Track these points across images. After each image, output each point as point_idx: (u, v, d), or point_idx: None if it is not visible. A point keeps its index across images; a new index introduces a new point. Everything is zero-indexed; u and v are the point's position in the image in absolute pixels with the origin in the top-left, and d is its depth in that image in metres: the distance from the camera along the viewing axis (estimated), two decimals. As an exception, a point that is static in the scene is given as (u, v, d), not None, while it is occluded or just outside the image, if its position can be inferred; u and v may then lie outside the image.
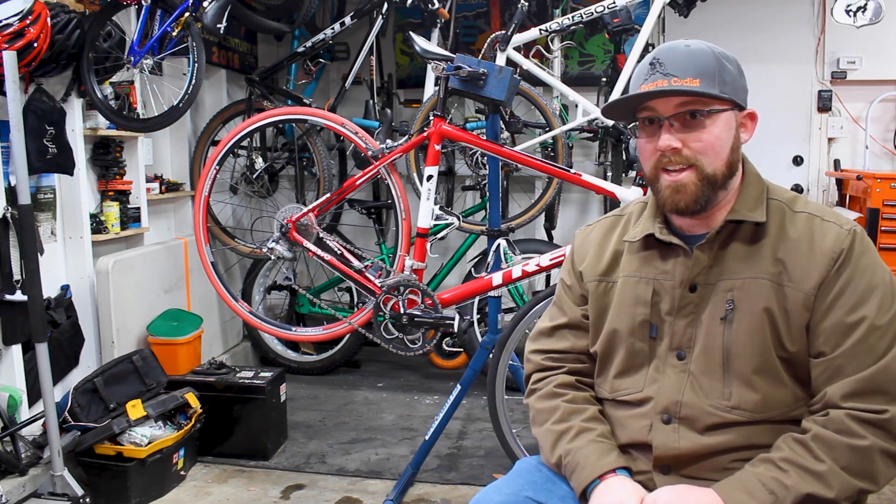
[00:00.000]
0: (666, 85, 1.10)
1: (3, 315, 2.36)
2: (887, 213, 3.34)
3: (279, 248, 2.61)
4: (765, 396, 1.10)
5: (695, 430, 1.13)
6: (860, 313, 1.06)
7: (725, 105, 1.12)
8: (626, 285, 1.23)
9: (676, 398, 1.14)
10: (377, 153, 2.51)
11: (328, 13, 3.85)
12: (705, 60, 1.12)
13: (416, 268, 2.43)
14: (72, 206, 2.74)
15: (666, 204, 1.15)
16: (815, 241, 1.11)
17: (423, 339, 2.42)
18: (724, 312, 1.12)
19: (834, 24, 3.54)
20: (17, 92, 2.19)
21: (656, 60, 1.13)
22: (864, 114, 3.84)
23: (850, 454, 1.02)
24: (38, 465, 2.37)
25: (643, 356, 1.20)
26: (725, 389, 1.12)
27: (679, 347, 1.16)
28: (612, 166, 3.56)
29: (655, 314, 1.19)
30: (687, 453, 1.13)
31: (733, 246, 1.15)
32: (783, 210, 1.16)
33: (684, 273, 1.16)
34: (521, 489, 1.19)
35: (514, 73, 2.29)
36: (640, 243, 1.23)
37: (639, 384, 1.20)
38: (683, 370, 1.15)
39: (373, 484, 2.57)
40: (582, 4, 3.42)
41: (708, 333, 1.14)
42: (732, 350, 1.12)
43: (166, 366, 2.80)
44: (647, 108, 1.14)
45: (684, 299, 1.16)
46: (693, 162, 1.11)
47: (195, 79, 2.59)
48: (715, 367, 1.13)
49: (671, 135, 1.12)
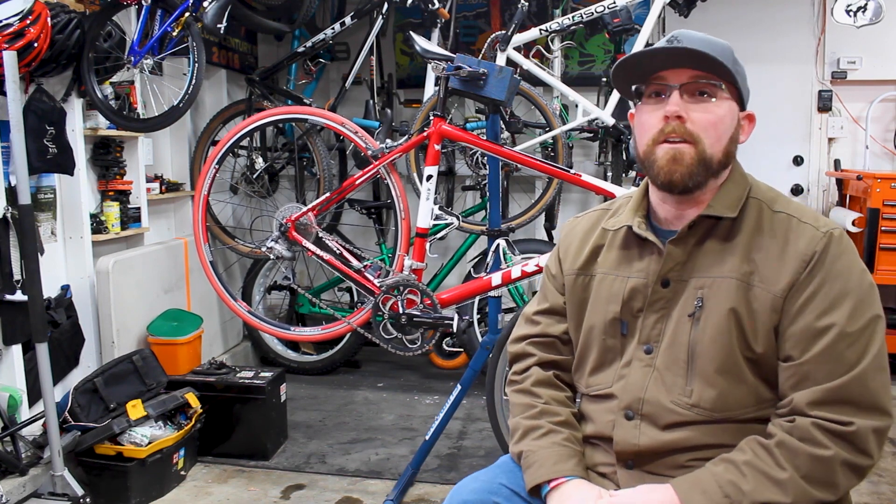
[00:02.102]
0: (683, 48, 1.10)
1: (4, 315, 2.36)
2: (887, 213, 3.34)
3: (278, 248, 2.61)
4: (726, 396, 1.10)
5: (655, 426, 1.13)
6: (829, 319, 1.04)
7: (733, 93, 1.13)
8: (603, 282, 1.24)
9: (639, 395, 1.15)
10: (377, 153, 2.51)
11: (328, 13, 3.85)
12: (722, 47, 1.14)
13: (416, 268, 2.43)
14: (72, 206, 2.74)
15: (660, 174, 1.13)
16: (789, 243, 1.09)
17: (422, 339, 2.41)
18: (693, 309, 1.12)
19: (834, 24, 3.54)
20: (17, 92, 2.19)
21: (674, 38, 1.13)
22: (865, 114, 3.84)
23: (812, 464, 1.01)
24: (39, 465, 2.37)
25: (614, 353, 1.21)
26: (687, 387, 1.12)
27: (647, 342, 1.17)
28: (612, 166, 3.56)
29: (627, 311, 1.19)
30: (646, 449, 1.13)
31: (707, 243, 1.15)
32: (761, 209, 1.15)
33: (657, 268, 1.17)
34: (497, 477, 1.23)
35: (514, 73, 2.29)
36: (620, 240, 1.24)
37: (608, 380, 1.21)
38: (649, 364, 1.16)
39: (373, 484, 2.57)
40: (582, 4, 3.42)
41: (676, 330, 1.14)
42: (697, 348, 1.11)
43: (166, 366, 2.80)
44: (658, 78, 1.14)
45: (656, 294, 1.16)
46: (695, 137, 1.11)
47: (195, 79, 2.59)
48: (679, 364, 1.13)
49: (680, 101, 1.11)
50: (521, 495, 1.21)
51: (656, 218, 1.22)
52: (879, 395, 1.04)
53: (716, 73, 1.11)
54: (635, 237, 1.21)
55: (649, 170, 1.16)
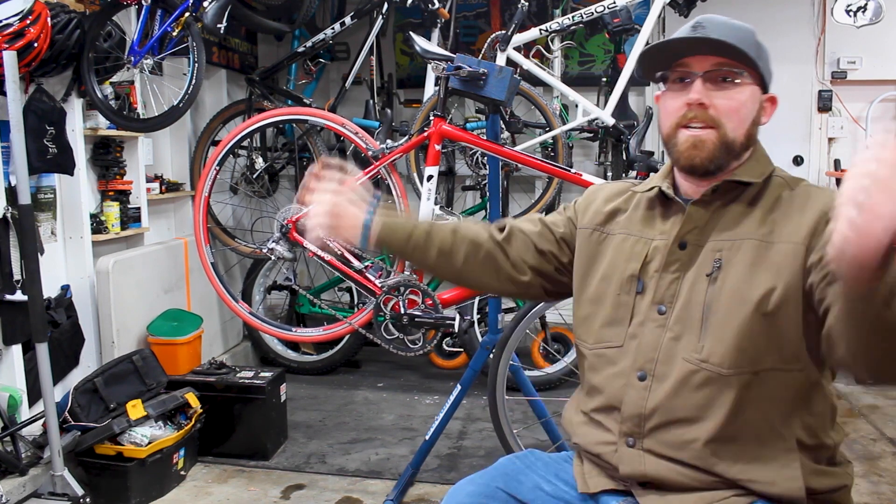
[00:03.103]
0: (706, 37, 1.12)
1: (4, 315, 2.36)
2: (887, 213, 3.34)
3: (279, 249, 2.61)
4: (737, 352, 1.09)
5: (665, 384, 1.13)
6: None
7: (756, 78, 1.15)
8: (625, 241, 1.25)
9: (652, 356, 1.15)
10: (377, 153, 2.51)
11: (328, 13, 3.85)
12: (746, 33, 1.16)
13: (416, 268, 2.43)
14: (72, 206, 2.74)
15: (681, 158, 1.16)
16: (809, 203, 1.12)
17: (423, 339, 2.41)
18: (711, 269, 1.13)
19: (834, 24, 3.54)
20: (17, 92, 2.19)
21: (699, 24, 1.16)
22: (865, 114, 3.84)
23: None
24: (39, 465, 2.37)
25: (626, 309, 1.21)
26: (699, 343, 1.12)
27: (661, 302, 1.17)
28: (612, 166, 3.57)
29: (644, 270, 1.20)
30: (655, 410, 1.13)
31: (730, 208, 1.16)
32: (784, 185, 1.18)
33: (678, 230, 1.18)
34: (493, 480, 1.23)
35: (514, 73, 2.29)
36: (645, 202, 1.25)
37: (620, 337, 1.21)
38: (662, 325, 1.16)
39: (373, 484, 2.57)
40: (582, 4, 3.42)
41: (692, 289, 1.15)
42: (713, 306, 1.12)
43: (166, 366, 2.80)
44: (681, 64, 1.16)
45: (672, 255, 1.17)
46: (717, 122, 1.13)
47: (195, 79, 2.59)
48: (693, 321, 1.13)
49: (703, 89, 1.13)
50: (517, 499, 1.20)
51: (679, 190, 1.24)
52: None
53: (739, 60, 1.13)
54: (662, 199, 1.23)
55: (671, 152, 1.18)
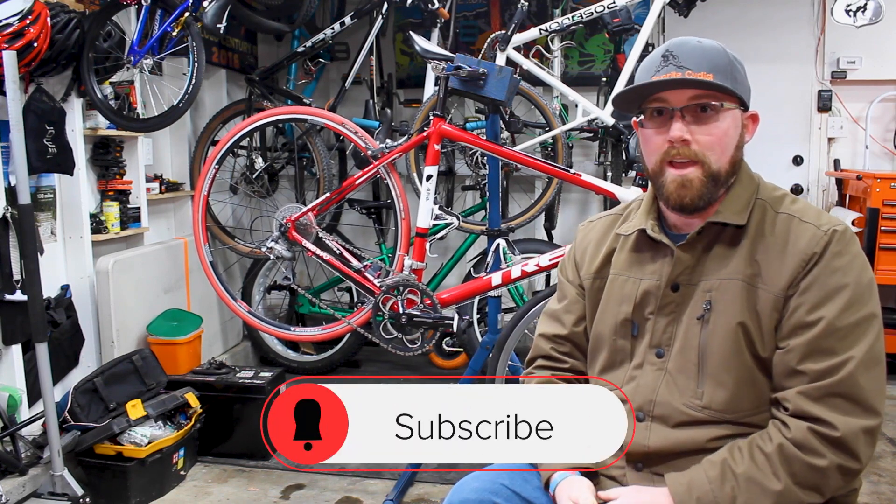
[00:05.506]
0: (680, 76, 1.10)
1: (3, 315, 2.36)
2: (887, 213, 3.34)
3: (278, 248, 2.61)
4: (737, 397, 1.10)
5: (666, 427, 1.14)
6: (820, 313, 1.05)
7: (735, 102, 1.14)
8: (615, 283, 1.25)
9: (651, 397, 1.16)
10: (377, 153, 2.51)
11: (328, 13, 3.84)
12: (718, 56, 1.13)
13: (416, 268, 2.43)
14: (72, 206, 2.74)
15: (670, 199, 1.15)
16: (790, 243, 1.10)
17: (422, 338, 2.42)
18: (702, 312, 1.13)
19: (834, 24, 3.54)
20: (17, 92, 2.19)
21: (669, 53, 1.13)
22: (864, 114, 3.84)
23: (807, 472, 1.03)
24: (38, 464, 2.38)
25: (624, 353, 1.22)
26: (698, 389, 1.13)
27: (658, 345, 1.18)
28: (611, 166, 3.56)
29: (638, 313, 1.20)
30: (657, 450, 1.14)
31: (716, 247, 1.16)
32: (766, 210, 1.16)
33: (668, 272, 1.17)
34: (498, 477, 1.23)
35: (514, 73, 2.29)
36: (632, 243, 1.24)
37: (618, 381, 1.21)
38: (661, 368, 1.17)
39: (373, 484, 2.57)
40: (582, 4, 3.42)
41: (686, 333, 1.15)
42: (707, 350, 1.12)
43: (166, 366, 2.80)
44: (658, 98, 1.14)
45: (666, 298, 1.18)
46: (700, 158, 1.12)
47: (195, 79, 2.59)
48: (690, 367, 1.14)
49: (682, 125, 1.12)
50: (521, 496, 1.21)
51: (667, 223, 1.23)
52: (869, 392, 1.04)
53: (715, 89, 1.11)
54: (648, 240, 1.22)
55: (659, 190, 1.17)
